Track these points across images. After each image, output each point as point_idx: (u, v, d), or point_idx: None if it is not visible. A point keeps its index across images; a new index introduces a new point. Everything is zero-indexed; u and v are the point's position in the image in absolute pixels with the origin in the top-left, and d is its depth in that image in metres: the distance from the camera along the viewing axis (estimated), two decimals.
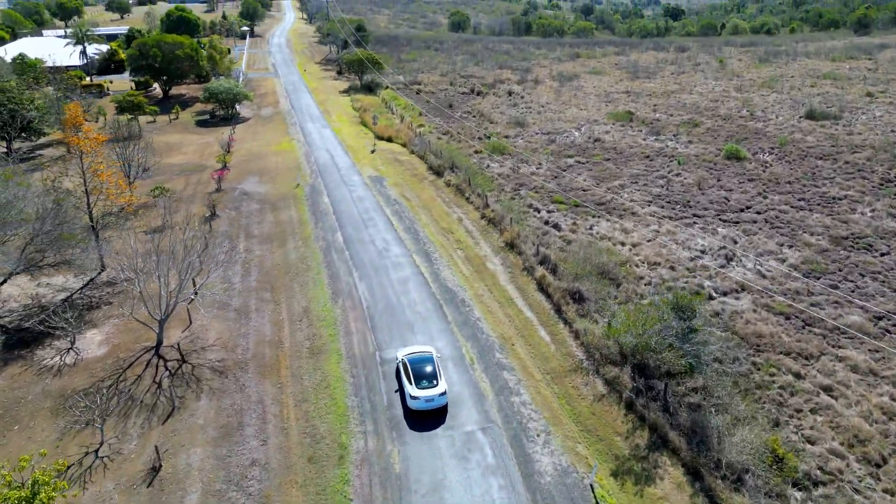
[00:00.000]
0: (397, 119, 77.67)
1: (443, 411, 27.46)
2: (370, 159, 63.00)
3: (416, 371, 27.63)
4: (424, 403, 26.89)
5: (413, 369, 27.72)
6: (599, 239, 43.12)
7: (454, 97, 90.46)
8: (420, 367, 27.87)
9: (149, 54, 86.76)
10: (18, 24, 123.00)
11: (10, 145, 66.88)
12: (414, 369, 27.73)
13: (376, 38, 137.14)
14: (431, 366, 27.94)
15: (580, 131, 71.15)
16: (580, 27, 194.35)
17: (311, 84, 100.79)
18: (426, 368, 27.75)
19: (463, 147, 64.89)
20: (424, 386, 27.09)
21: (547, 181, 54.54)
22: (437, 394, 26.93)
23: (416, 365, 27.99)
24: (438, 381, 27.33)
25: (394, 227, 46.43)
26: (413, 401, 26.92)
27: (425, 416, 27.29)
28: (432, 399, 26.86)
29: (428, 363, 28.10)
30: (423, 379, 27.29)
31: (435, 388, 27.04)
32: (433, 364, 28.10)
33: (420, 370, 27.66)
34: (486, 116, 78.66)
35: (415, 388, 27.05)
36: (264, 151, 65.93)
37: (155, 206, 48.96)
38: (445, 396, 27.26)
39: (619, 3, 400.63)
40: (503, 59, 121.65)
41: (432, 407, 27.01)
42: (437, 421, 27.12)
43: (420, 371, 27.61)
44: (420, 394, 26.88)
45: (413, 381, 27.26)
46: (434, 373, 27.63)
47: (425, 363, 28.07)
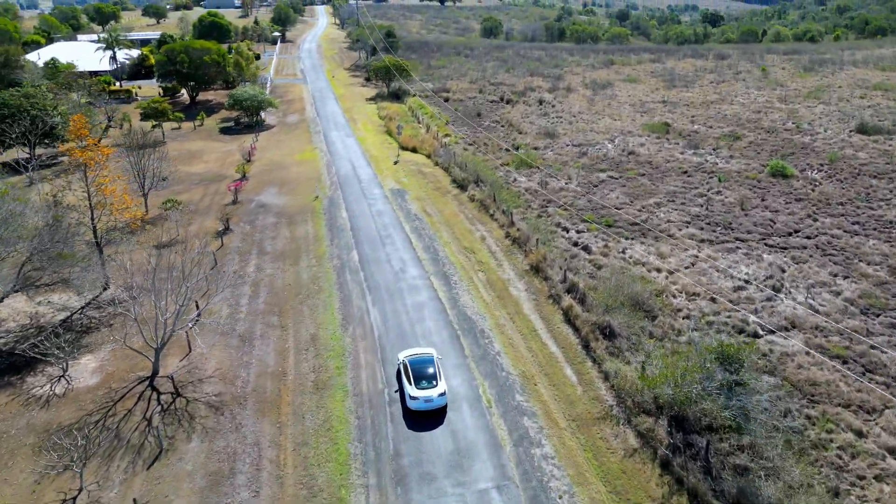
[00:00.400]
0: (423, 128, 75.10)
1: (441, 411, 27.31)
2: (393, 171, 60.48)
3: (415, 371, 27.62)
4: (423, 404, 26.83)
5: (413, 370, 27.71)
6: (633, 264, 39.71)
7: (483, 105, 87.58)
8: (420, 367, 27.84)
9: (176, 60, 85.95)
10: (54, 29, 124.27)
11: (33, 151, 66.26)
12: (414, 370, 27.71)
13: (406, 44, 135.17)
14: (432, 367, 27.92)
15: (613, 143, 67.58)
16: (615, 33, 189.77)
17: (338, 91, 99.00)
18: (426, 369, 27.74)
19: (489, 159, 61.94)
20: (424, 386, 27.06)
21: (577, 198, 51.24)
22: (437, 394, 26.88)
23: (417, 366, 27.96)
24: (438, 382, 27.30)
25: (412, 246, 43.72)
26: (412, 401, 26.89)
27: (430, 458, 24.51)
28: (431, 399, 26.79)
29: (428, 364, 28.07)
30: (422, 379, 27.29)
31: (434, 389, 27.01)
32: (433, 365, 28.07)
33: (420, 371, 27.64)
34: (515, 126, 75.58)
35: (414, 389, 27.02)
36: (286, 161, 63.96)
37: (167, 220, 47.09)
38: (445, 397, 27.19)
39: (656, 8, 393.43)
40: (534, 65, 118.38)
41: (431, 407, 26.91)
42: (436, 422, 26.86)
43: (420, 372, 27.60)
44: (419, 394, 26.83)
45: (413, 382, 27.26)
46: (434, 374, 27.62)
47: (425, 364, 28.05)
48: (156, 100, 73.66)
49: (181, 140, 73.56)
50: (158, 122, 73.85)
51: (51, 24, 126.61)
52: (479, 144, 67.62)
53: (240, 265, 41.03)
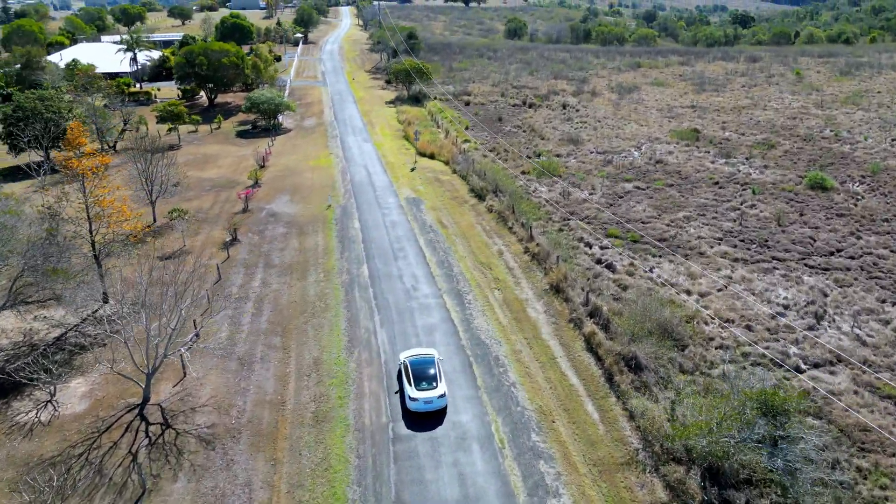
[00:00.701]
0: (442, 133, 72.74)
1: (441, 413, 26.99)
2: (409, 178, 58.23)
3: (416, 373, 27.30)
4: (423, 405, 26.57)
5: (413, 371, 27.40)
6: (660, 285, 36.87)
7: (504, 110, 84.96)
8: (420, 368, 27.52)
9: (195, 62, 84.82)
10: (79, 30, 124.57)
11: (48, 154, 65.34)
12: (414, 371, 27.39)
13: (428, 46, 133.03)
14: (432, 368, 27.59)
15: (640, 151, 64.51)
16: (642, 35, 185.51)
17: (357, 94, 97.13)
18: (426, 371, 27.42)
19: (509, 167, 59.37)
20: (424, 388, 26.76)
21: (601, 210, 48.45)
22: (436, 396, 26.60)
23: (417, 367, 27.63)
24: (438, 384, 27.00)
25: (426, 261, 41.38)
26: (412, 402, 26.61)
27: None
28: (431, 401, 26.52)
29: (429, 366, 27.74)
30: (422, 381, 26.99)
31: (434, 391, 26.72)
32: (434, 367, 27.74)
33: (420, 372, 27.32)
34: (538, 132, 72.84)
35: (414, 390, 26.73)
36: (300, 167, 62.09)
37: (172, 230, 45.37)
38: (445, 399, 26.89)
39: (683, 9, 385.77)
40: (559, 68, 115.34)
41: (431, 409, 26.65)
42: (436, 422, 26.52)
43: (420, 373, 27.29)
44: (419, 395, 26.55)
45: (413, 383, 26.96)
46: (434, 375, 27.30)
47: (426, 365, 27.73)
48: (171, 103, 72.43)
49: (197, 144, 72.23)
50: (174, 126, 72.56)
51: (76, 25, 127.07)
52: (499, 151, 65.07)
53: (245, 279, 39.09)
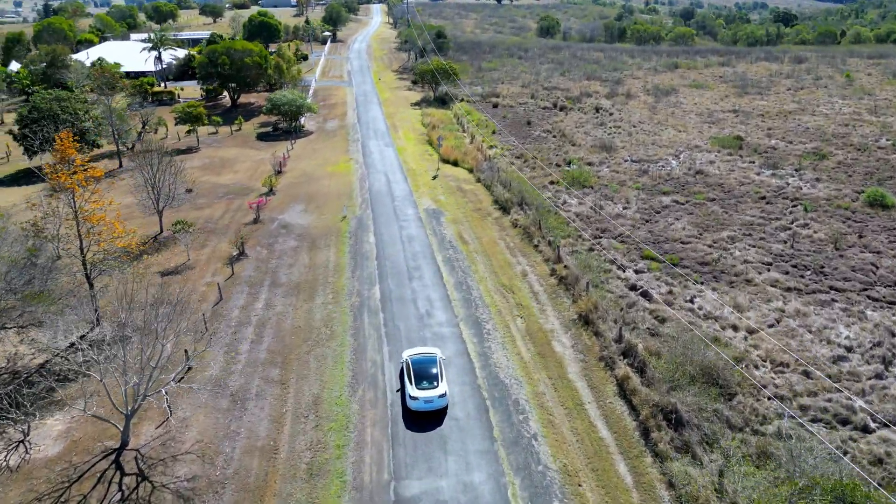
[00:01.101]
0: (467, 138, 69.19)
1: (442, 413, 26.58)
2: (430, 187, 54.85)
3: (417, 371, 26.91)
4: (424, 404, 26.16)
5: (415, 369, 26.99)
6: (703, 318, 32.83)
7: (534, 112, 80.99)
8: (422, 367, 27.12)
9: (217, 62, 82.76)
10: (109, 28, 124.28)
11: None
12: (416, 369, 26.98)
13: (458, 45, 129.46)
14: (434, 367, 27.15)
15: (678, 160, 60.04)
16: (679, 33, 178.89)
17: (382, 95, 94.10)
18: (428, 369, 27.01)
19: (537, 175, 55.55)
20: (425, 387, 26.35)
21: (636, 227, 44.41)
22: (437, 395, 26.18)
23: (419, 365, 27.22)
24: (439, 383, 26.56)
25: (443, 282, 37.97)
26: (412, 401, 26.18)
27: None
28: (431, 400, 26.11)
29: (431, 364, 27.31)
30: (423, 379, 26.59)
31: (435, 390, 26.29)
32: (436, 366, 27.31)
33: (422, 370, 26.94)
34: (568, 137, 68.78)
35: (414, 389, 26.30)
36: (318, 173, 59.21)
37: (177, 242, 42.75)
38: (445, 398, 26.47)
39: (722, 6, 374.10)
40: (592, 68, 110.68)
41: (431, 408, 26.24)
42: (436, 422, 26.01)
43: (421, 372, 26.92)
44: (419, 394, 26.13)
45: (413, 382, 26.55)
46: (436, 374, 26.88)
47: (428, 364, 27.31)
48: (191, 104, 70.35)
49: (216, 146, 70.00)
50: (193, 128, 70.44)
51: (105, 22, 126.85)
52: (526, 158, 61.27)
53: (248, 300, 36.19)
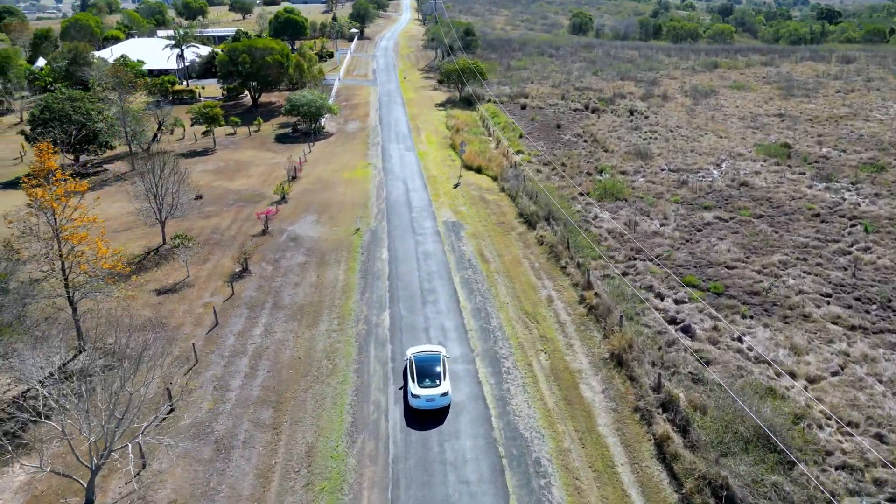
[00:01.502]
0: (492, 142, 65.31)
1: (444, 412, 26.12)
2: (451, 196, 51.19)
3: (420, 369, 26.50)
4: (425, 402, 25.77)
5: (418, 367, 26.55)
6: (754, 362, 28.60)
7: (564, 115, 76.65)
8: (425, 365, 26.67)
9: (237, 60, 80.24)
10: (136, 25, 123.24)
11: (77, 157, 61.81)
12: (419, 367, 26.55)
13: (487, 42, 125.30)
14: (437, 366, 26.71)
15: (720, 170, 55.30)
16: (717, 31, 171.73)
17: (407, 94, 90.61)
18: (431, 368, 26.58)
19: (566, 185, 51.46)
20: (427, 385, 25.96)
21: (675, 246, 40.12)
22: (439, 394, 25.79)
23: (422, 363, 26.77)
24: (441, 382, 26.13)
25: (459, 307, 34.32)
26: (414, 399, 25.80)
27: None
28: (433, 399, 25.74)
29: (434, 363, 26.79)
30: (426, 378, 26.19)
31: (437, 388, 25.88)
32: (439, 364, 26.82)
33: (424, 369, 26.53)
34: (600, 142, 64.39)
35: (417, 387, 25.88)
36: (334, 179, 56.01)
37: (176, 258, 39.80)
38: (448, 397, 26.08)
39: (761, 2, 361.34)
40: (626, 68, 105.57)
41: (433, 407, 25.86)
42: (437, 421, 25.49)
43: (424, 370, 26.50)
44: (421, 392, 25.73)
45: (416, 380, 26.12)
46: (439, 373, 26.39)
47: (431, 363, 26.82)
48: (207, 104, 67.83)
49: (232, 148, 67.38)
50: (209, 129, 67.89)
51: (133, 19, 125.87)
52: (555, 165, 57.16)
53: (246, 324, 33.04)
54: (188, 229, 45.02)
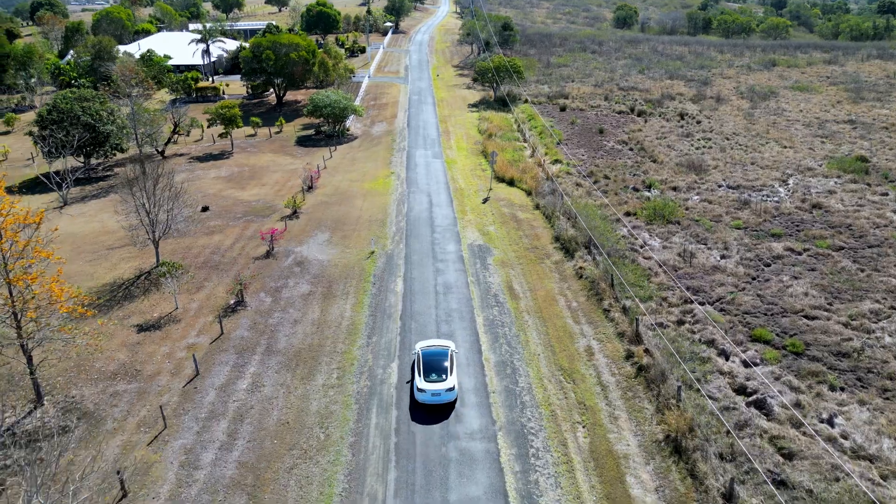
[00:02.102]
0: (527, 150, 59.28)
1: (450, 407, 25.39)
2: (479, 213, 45.54)
3: (427, 364, 25.96)
4: (431, 397, 25.13)
5: (425, 362, 26.07)
6: (852, 455, 22.34)
7: (607, 118, 70.03)
8: (432, 360, 26.14)
9: (261, 56, 75.78)
10: (169, 18, 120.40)
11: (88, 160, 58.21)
12: (426, 362, 26.05)
13: (526, 37, 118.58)
14: (445, 361, 26.12)
15: (787, 187, 48.27)
16: (772, 25, 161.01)
17: (439, 94, 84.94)
18: (438, 363, 26.00)
19: (610, 203, 45.29)
20: (433, 379, 25.38)
21: (740, 286, 33.74)
22: (445, 388, 25.09)
23: (429, 358, 26.26)
24: (448, 377, 25.48)
25: (481, 359, 28.80)
26: (420, 393, 25.23)
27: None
28: (439, 393, 25.08)
29: (442, 358, 26.25)
30: (432, 372, 25.63)
31: (443, 383, 25.21)
32: (447, 359, 26.21)
33: (431, 363, 25.95)
34: (648, 151, 57.76)
35: (422, 381, 25.33)
36: (352, 190, 50.92)
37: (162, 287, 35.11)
38: (454, 392, 25.39)
39: None
40: (675, 65, 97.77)
41: (439, 402, 25.19)
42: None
43: (431, 364, 25.92)
44: (427, 387, 25.07)
45: (422, 374, 25.57)
46: (446, 368, 25.75)
47: (439, 357, 26.31)
48: (225, 104, 63.45)
49: (249, 152, 62.98)
50: (227, 131, 63.59)
51: (165, 12, 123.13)
52: (597, 177, 50.94)
53: (230, 375, 28.15)
54: (187, 248, 40.56)
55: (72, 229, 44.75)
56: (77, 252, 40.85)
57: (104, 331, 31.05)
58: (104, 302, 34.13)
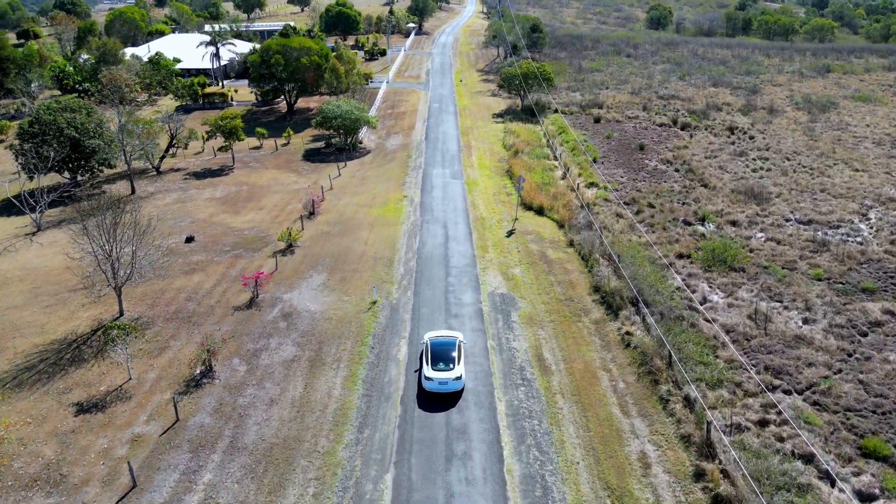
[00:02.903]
0: (559, 170, 52.04)
1: (456, 395, 25.15)
2: (502, 251, 38.54)
3: (435, 353, 25.77)
4: (438, 385, 24.95)
5: (433, 351, 25.91)
6: None
7: (647, 132, 62.41)
8: (440, 349, 26.00)
9: (270, 61, 69.67)
10: (185, 18, 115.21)
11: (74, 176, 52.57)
12: (434, 351, 25.89)
13: (555, 39, 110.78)
14: (453, 351, 25.86)
15: (869, 223, 40.34)
16: (816, 26, 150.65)
17: (461, 101, 77.94)
18: (446, 352, 25.77)
19: (657, 240, 37.94)
20: (441, 368, 25.16)
21: (832, 366, 26.23)
22: (452, 377, 24.95)
23: (438, 347, 26.15)
24: (455, 366, 25.31)
25: (502, 472, 21.88)
26: (427, 381, 25.12)
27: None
28: (446, 382, 24.91)
29: (450, 348, 26.11)
30: (440, 361, 25.42)
31: (450, 372, 25.09)
32: (455, 349, 25.94)
33: (439, 353, 25.75)
34: (697, 173, 50.13)
35: (430, 370, 25.19)
36: (359, 217, 44.33)
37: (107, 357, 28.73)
38: (461, 381, 25.19)
39: None
40: (718, 71, 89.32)
41: (446, 390, 25.04)
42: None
43: (439, 353, 25.71)
44: (434, 375, 24.95)
45: (430, 363, 25.42)
46: (453, 357, 25.63)
47: (447, 347, 26.15)
48: (226, 114, 57.38)
49: (251, 167, 56.85)
50: (227, 144, 57.54)
51: (181, 12, 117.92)
52: (640, 205, 43.59)
53: (177, 487, 21.61)
54: (159, 292, 34.32)
55: (37, 262, 38.95)
56: (35, 294, 34.92)
57: (35, 414, 24.87)
58: (46, 367, 28.00)
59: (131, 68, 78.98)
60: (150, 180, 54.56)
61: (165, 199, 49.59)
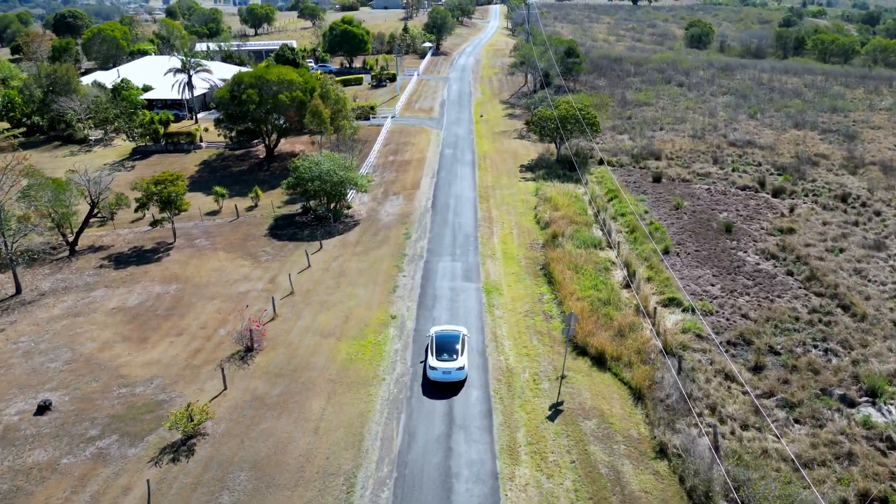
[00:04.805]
0: (617, 269, 35.29)
1: (459, 385, 25.65)
2: (542, 457, 22.02)
3: (439, 344, 26.43)
4: (442, 375, 25.62)
5: (438, 343, 26.42)
6: None
7: (727, 198, 45.72)
8: (444, 341, 26.49)
9: (241, 97, 54.32)
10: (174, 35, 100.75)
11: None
12: (438, 343, 26.42)
13: (591, 62, 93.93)
14: (457, 343, 26.44)
15: None
16: (878, 46, 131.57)
17: (481, 146, 61.65)
18: (450, 344, 26.43)
19: (812, 445, 21.16)
20: (444, 359, 25.88)
21: None
22: (455, 367, 25.65)
23: (442, 340, 26.59)
24: (459, 357, 25.99)
25: None
26: (432, 371, 25.77)
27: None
28: (450, 372, 25.63)
29: (454, 340, 26.51)
30: (444, 352, 26.09)
31: (454, 362, 25.77)
32: (459, 342, 26.57)
33: (443, 344, 26.47)
34: (823, 282, 33.18)
35: (434, 360, 25.86)
36: (317, 361, 28.23)
37: None
38: (464, 372, 25.91)
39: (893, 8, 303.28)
40: (795, 106, 71.84)
41: (449, 379, 25.68)
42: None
43: (443, 345, 26.43)
44: (438, 365, 25.64)
45: (434, 354, 26.07)
46: (457, 349, 26.23)
47: (451, 340, 26.59)
48: (166, 175, 41.86)
49: (196, 248, 41.30)
50: (159, 221, 42.01)
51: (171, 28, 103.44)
52: (757, 353, 26.80)
53: None
54: None
55: None
56: None
57: None
58: None
59: (84, 99, 64.33)
60: (54, 268, 39.29)
61: (54, 308, 34.13)
